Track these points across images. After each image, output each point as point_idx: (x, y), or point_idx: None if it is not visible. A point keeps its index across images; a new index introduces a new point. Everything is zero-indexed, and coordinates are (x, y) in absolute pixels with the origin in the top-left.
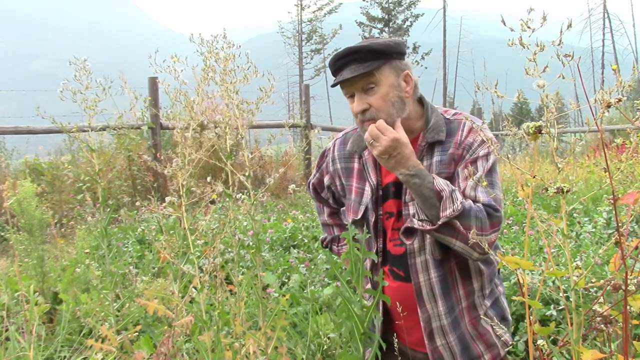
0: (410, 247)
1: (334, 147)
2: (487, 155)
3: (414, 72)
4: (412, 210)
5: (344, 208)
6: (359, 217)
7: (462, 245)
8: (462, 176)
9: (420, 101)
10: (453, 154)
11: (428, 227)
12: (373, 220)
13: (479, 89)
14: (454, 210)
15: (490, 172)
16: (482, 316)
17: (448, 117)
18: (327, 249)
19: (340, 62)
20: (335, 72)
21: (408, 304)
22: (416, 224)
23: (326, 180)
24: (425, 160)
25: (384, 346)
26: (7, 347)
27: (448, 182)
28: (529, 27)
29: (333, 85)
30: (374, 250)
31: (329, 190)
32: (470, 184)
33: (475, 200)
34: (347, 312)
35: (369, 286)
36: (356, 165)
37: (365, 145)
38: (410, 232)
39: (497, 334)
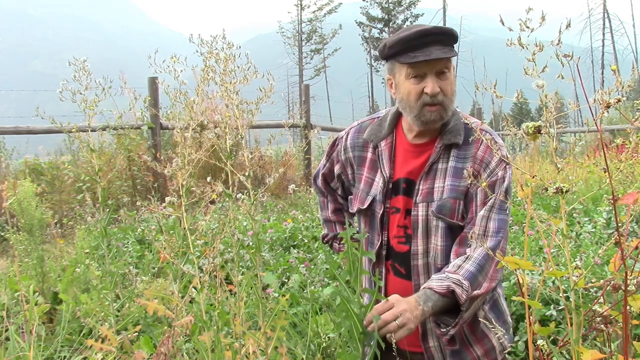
0: (415, 248)
1: (347, 135)
2: (504, 178)
3: None
4: (421, 211)
5: (351, 196)
6: (365, 206)
7: (485, 294)
8: (479, 198)
9: None
10: (470, 169)
11: (459, 322)
12: (380, 212)
13: (478, 89)
14: (467, 291)
15: (506, 194)
16: (480, 319)
17: (467, 122)
18: (327, 245)
19: (427, 39)
20: (415, 47)
21: None
22: (451, 332)
23: (337, 169)
24: (441, 163)
25: (383, 345)
26: (7, 347)
27: (440, 276)
28: (527, 27)
29: (415, 62)
30: (378, 244)
31: (339, 179)
32: (482, 213)
33: (484, 232)
34: (345, 311)
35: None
36: (370, 155)
37: (383, 136)
38: (453, 339)
39: (497, 336)
